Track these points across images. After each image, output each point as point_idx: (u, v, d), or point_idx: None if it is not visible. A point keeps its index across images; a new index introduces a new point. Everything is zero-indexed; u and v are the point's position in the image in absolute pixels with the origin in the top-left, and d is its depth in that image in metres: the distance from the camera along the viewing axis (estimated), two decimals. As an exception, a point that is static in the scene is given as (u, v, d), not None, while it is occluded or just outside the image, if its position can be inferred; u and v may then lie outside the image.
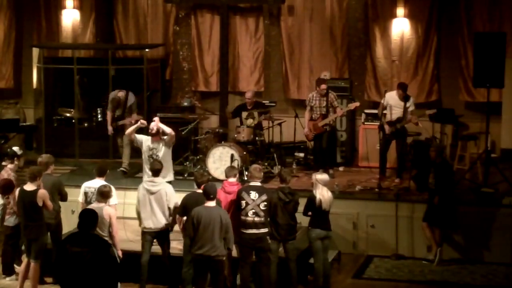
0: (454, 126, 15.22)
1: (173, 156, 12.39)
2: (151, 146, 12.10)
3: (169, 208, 10.87)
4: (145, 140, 12.20)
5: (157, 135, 12.08)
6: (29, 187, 10.61)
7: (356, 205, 12.88)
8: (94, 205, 10.30)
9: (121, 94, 14.62)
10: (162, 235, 10.95)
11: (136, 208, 11.08)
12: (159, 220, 10.85)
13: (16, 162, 11.66)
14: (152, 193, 10.87)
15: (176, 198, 11.02)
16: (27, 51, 17.18)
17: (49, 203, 10.68)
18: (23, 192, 10.62)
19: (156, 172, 11.04)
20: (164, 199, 10.84)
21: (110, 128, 14.73)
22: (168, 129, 12.12)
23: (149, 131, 12.13)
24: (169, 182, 11.71)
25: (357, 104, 14.39)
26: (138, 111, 14.86)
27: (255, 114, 14.49)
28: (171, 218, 10.93)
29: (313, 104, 14.14)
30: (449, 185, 12.20)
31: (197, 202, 10.20)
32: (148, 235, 10.93)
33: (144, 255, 10.93)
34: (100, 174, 11.16)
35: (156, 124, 12.10)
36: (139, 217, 11.00)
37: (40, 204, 10.55)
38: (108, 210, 10.31)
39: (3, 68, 17.48)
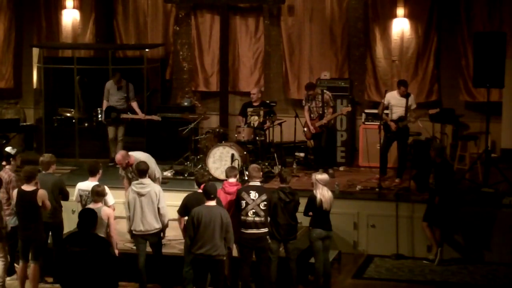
0: (454, 126, 15.21)
1: (173, 156, 12.39)
2: (129, 175, 11.82)
3: (158, 208, 10.71)
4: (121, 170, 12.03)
5: (128, 167, 11.82)
6: (27, 187, 10.59)
7: (357, 205, 12.88)
8: (91, 206, 10.27)
9: (123, 81, 15.06)
10: (153, 237, 10.80)
11: (125, 211, 10.90)
12: (149, 223, 10.69)
13: (13, 162, 11.64)
14: (141, 195, 10.70)
15: (164, 199, 10.85)
16: (27, 51, 17.17)
17: (48, 203, 10.66)
18: (22, 192, 10.60)
19: (141, 172, 10.83)
20: (154, 200, 10.69)
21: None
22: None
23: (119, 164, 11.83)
24: None
25: (349, 109, 14.43)
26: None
27: (261, 112, 14.49)
28: (163, 220, 10.79)
29: (310, 105, 14.20)
30: (450, 185, 12.20)
31: (198, 202, 10.18)
32: (140, 238, 10.79)
33: (140, 258, 10.82)
34: (92, 173, 11.08)
35: (122, 162, 11.70)
36: (128, 220, 10.82)
37: (40, 204, 10.54)
38: (106, 210, 10.27)
39: (3, 68, 17.47)
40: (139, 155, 11.76)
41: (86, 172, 11.72)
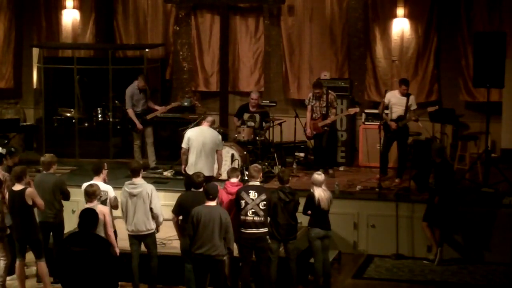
0: (454, 126, 15.22)
1: (173, 156, 12.40)
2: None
3: (151, 209, 10.66)
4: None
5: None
6: (17, 187, 10.55)
7: (357, 205, 12.89)
8: (86, 206, 10.22)
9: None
10: (146, 238, 10.76)
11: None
12: (141, 223, 10.65)
13: (5, 162, 11.60)
14: (133, 195, 10.66)
15: (158, 198, 10.82)
16: (27, 51, 17.17)
17: (40, 201, 10.58)
18: (12, 193, 10.57)
19: (133, 171, 10.77)
20: (146, 200, 10.63)
21: (140, 126, 14.52)
22: None
23: None
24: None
25: (357, 109, 14.41)
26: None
27: (257, 118, 14.50)
28: (158, 221, 10.77)
29: (313, 104, 14.18)
30: (450, 185, 12.20)
31: (192, 201, 10.16)
32: (134, 239, 10.79)
33: (133, 259, 10.82)
34: (96, 172, 11.01)
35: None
36: (125, 221, 10.83)
37: (30, 202, 10.48)
38: (100, 208, 10.07)
39: (3, 68, 17.47)
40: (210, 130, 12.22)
41: (86, 172, 11.75)
